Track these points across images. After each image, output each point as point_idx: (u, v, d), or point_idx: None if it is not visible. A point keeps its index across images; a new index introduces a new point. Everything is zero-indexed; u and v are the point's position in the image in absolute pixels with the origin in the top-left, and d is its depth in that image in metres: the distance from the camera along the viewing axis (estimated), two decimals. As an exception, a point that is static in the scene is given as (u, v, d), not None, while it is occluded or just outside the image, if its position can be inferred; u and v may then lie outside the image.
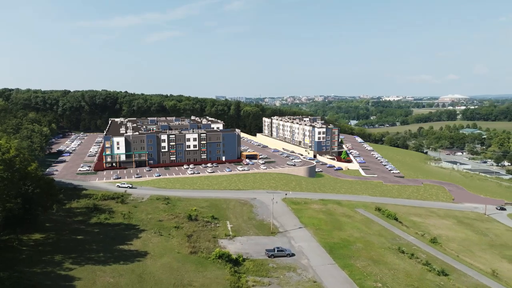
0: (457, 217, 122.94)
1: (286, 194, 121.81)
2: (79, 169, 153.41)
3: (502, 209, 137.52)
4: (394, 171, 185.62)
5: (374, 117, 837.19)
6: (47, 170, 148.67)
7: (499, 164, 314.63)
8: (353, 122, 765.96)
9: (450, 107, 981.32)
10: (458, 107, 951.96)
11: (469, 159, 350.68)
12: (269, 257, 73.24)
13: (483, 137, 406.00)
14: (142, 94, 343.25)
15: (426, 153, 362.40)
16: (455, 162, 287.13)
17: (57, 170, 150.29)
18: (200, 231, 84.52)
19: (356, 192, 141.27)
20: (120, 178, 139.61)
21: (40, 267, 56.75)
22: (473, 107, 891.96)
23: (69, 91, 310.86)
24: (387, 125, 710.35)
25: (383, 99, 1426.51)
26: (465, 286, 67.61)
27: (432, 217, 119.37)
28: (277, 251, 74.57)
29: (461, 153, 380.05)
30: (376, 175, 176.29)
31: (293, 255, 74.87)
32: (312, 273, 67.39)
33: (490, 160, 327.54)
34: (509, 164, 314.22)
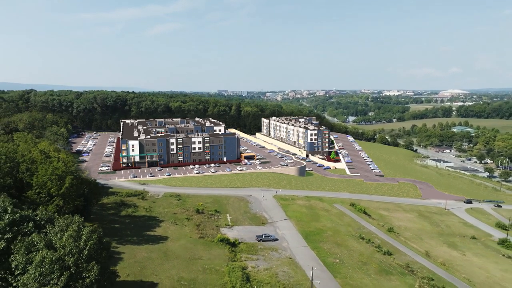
0: (420, 211, 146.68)
1: (276, 192, 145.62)
2: (99, 168, 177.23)
3: (469, 202, 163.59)
4: (375, 170, 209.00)
5: (372, 113, 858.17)
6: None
7: (482, 162, 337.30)
8: (351, 118, 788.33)
9: (448, 103, 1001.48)
10: (456, 103, 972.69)
11: (455, 156, 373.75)
12: (258, 241, 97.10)
13: (471, 135, 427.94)
14: (149, 95, 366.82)
15: (415, 150, 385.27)
16: (439, 160, 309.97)
17: (80, 170, 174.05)
18: (206, 222, 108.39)
19: (338, 190, 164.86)
20: (136, 177, 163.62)
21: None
22: (470, 103, 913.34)
23: (82, 93, 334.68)
24: (384, 122, 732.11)
25: (384, 94, 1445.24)
26: (401, 261, 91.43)
27: (398, 211, 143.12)
28: (265, 236, 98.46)
29: (449, 151, 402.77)
30: (359, 174, 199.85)
31: (276, 239, 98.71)
32: (289, 252, 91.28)
33: (474, 157, 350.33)
34: (491, 161, 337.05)
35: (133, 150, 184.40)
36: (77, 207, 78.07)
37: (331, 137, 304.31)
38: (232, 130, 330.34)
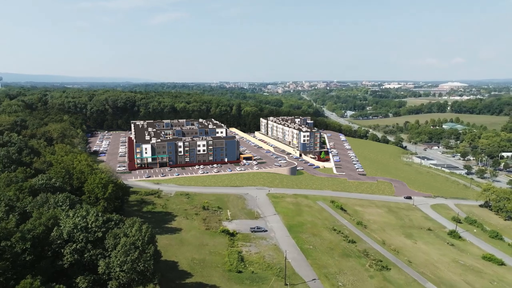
0: (390, 207, 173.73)
1: (269, 190, 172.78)
2: (117, 168, 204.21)
3: (408, 198, 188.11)
4: (359, 170, 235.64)
5: (370, 107, 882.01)
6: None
7: (465, 159, 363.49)
8: (349, 113, 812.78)
9: (445, 97, 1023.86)
10: (452, 97, 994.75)
11: (442, 153, 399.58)
12: (251, 232, 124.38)
13: (458, 132, 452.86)
14: (156, 95, 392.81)
15: (405, 147, 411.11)
16: (423, 158, 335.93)
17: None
18: (211, 216, 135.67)
19: (323, 188, 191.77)
20: (150, 176, 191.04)
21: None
22: (467, 97, 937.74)
23: (94, 95, 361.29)
24: (381, 117, 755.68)
25: (384, 87, 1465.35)
26: (361, 248, 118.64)
27: (371, 207, 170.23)
28: (257, 228, 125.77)
29: (437, 147, 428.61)
30: (344, 173, 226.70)
31: (266, 231, 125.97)
32: (275, 241, 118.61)
33: (458, 154, 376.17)
34: (474, 158, 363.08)
35: (146, 153, 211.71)
36: (116, 206, 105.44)
37: (325, 135, 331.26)
38: (233, 129, 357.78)
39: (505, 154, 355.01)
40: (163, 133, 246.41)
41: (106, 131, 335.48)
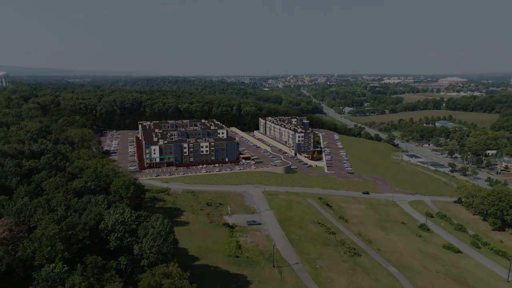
0: (372, 203, 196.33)
1: (265, 188, 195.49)
2: (128, 168, 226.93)
3: (366, 193, 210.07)
4: (348, 168, 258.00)
5: (368, 103, 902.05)
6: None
7: (452, 156, 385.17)
8: (347, 109, 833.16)
9: (442, 93, 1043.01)
10: (450, 93, 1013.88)
11: (432, 150, 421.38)
12: (248, 225, 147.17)
13: (449, 130, 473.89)
14: (161, 96, 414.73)
15: (397, 145, 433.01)
16: (412, 156, 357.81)
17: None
18: (214, 211, 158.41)
19: (314, 186, 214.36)
20: (158, 175, 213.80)
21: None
22: (464, 93, 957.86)
23: (102, 96, 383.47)
24: (377, 113, 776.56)
25: (383, 82, 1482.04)
26: (339, 238, 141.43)
27: (354, 203, 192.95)
28: (252, 222, 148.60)
29: (427, 145, 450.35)
30: (334, 172, 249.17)
31: (260, 224, 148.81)
32: (268, 232, 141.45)
33: (446, 152, 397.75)
34: (460, 156, 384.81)
35: (154, 153, 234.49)
36: (136, 204, 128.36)
37: (319, 135, 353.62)
38: (234, 129, 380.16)
39: (490, 152, 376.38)
40: (168, 134, 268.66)
41: (114, 131, 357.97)
